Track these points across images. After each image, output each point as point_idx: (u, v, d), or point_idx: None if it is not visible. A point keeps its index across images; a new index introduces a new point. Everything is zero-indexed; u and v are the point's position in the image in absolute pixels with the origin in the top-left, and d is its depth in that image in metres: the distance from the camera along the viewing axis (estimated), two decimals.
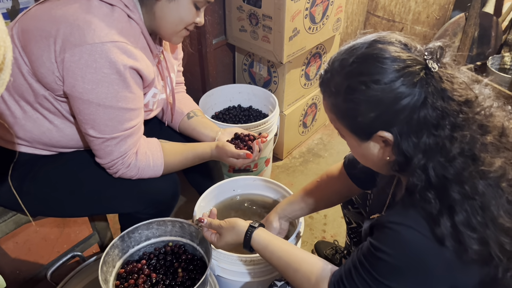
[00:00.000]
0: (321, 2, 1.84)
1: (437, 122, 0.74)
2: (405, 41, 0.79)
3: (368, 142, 0.82)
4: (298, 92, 2.09)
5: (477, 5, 2.46)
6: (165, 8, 1.07)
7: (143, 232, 1.18)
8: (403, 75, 0.74)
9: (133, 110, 1.05)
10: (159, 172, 1.17)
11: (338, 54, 0.83)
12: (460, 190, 0.74)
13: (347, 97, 0.78)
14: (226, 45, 2.04)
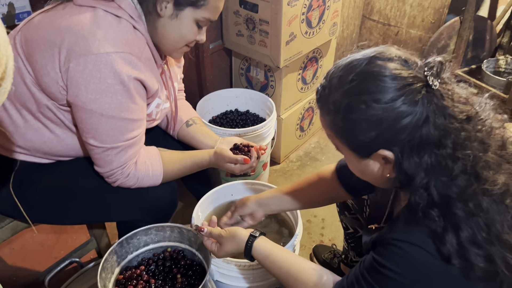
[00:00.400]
0: (318, 7, 1.85)
1: (439, 140, 0.73)
2: (405, 57, 0.78)
3: (367, 159, 0.81)
4: (295, 96, 2.09)
5: (472, 8, 2.48)
6: (167, 25, 1.07)
7: (141, 238, 1.17)
8: (404, 93, 0.73)
9: (135, 121, 1.05)
10: (158, 181, 1.16)
11: (336, 69, 0.81)
12: (464, 207, 0.73)
13: (347, 115, 0.77)
14: (223, 50, 2.05)
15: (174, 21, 1.06)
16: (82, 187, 1.16)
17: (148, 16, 1.06)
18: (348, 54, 0.82)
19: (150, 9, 1.04)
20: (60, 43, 0.96)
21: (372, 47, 0.81)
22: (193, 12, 1.05)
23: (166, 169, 1.17)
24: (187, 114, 1.41)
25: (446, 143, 0.73)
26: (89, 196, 1.16)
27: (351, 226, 1.43)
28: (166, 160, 1.18)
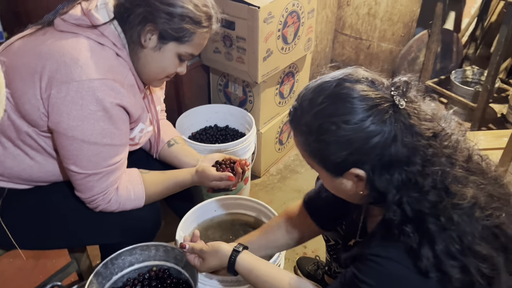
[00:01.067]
0: (293, 23, 1.90)
1: (408, 158, 0.76)
2: (372, 78, 0.80)
3: (341, 177, 0.83)
4: (273, 110, 2.13)
5: (438, 22, 2.59)
6: (149, 56, 1.07)
7: (126, 258, 1.16)
8: (372, 114, 0.75)
9: (118, 146, 1.05)
10: (141, 204, 1.16)
11: (306, 91, 0.84)
12: (436, 222, 0.75)
13: (319, 137, 0.79)
14: (200, 67, 2.07)
15: (157, 53, 1.06)
16: (64, 211, 1.15)
17: (131, 45, 1.06)
18: (318, 76, 0.85)
19: (134, 39, 1.05)
20: (41, 70, 0.95)
21: (341, 69, 0.84)
22: (176, 47, 1.06)
23: (149, 192, 1.17)
24: (169, 134, 1.42)
25: (415, 160, 0.76)
26: (72, 221, 1.15)
27: (332, 238, 1.45)
28: (148, 183, 1.17)
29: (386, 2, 2.70)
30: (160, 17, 1.01)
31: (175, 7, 1.01)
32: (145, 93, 1.20)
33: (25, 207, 1.13)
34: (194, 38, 1.06)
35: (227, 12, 1.75)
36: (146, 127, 1.24)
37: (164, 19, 1.01)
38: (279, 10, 1.78)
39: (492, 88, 2.43)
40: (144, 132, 1.23)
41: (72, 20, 1.01)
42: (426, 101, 0.83)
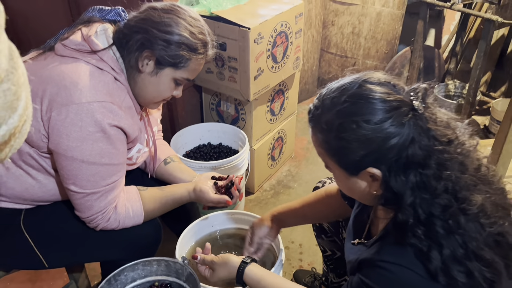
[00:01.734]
0: (281, 43, 1.97)
1: (423, 160, 0.78)
2: (393, 82, 0.83)
3: (356, 177, 0.85)
4: (264, 127, 2.18)
5: (420, 39, 2.70)
6: (146, 80, 1.11)
7: (128, 274, 1.18)
8: (392, 116, 0.78)
9: (116, 165, 1.08)
10: (140, 221, 1.19)
11: (328, 91, 0.86)
12: (444, 225, 0.78)
13: (339, 134, 0.81)
14: (193, 86, 2.12)
15: (153, 78, 1.10)
16: (66, 230, 1.17)
17: (129, 69, 1.10)
18: (339, 78, 0.88)
19: (132, 64, 1.09)
20: (42, 93, 0.98)
21: (362, 72, 0.88)
22: (172, 72, 1.10)
23: (147, 209, 1.19)
24: (165, 153, 1.45)
25: (430, 163, 0.78)
26: (73, 239, 1.17)
27: (329, 248, 1.49)
28: (146, 200, 1.20)
29: (369, 21, 2.80)
30: (158, 44, 1.06)
31: (172, 35, 1.06)
32: (142, 115, 1.23)
33: (26, 227, 1.14)
34: (190, 64, 1.10)
35: (219, 34, 1.82)
36: (143, 148, 1.27)
37: (162, 46, 1.06)
38: (269, 31, 1.85)
39: (474, 101, 2.52)
40: (141, 152, 1.26)
41: (72, 45, 1.05)
42: (442, 109, 0.86)
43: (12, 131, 0.45)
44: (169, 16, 1.08)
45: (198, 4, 1.87)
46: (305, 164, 2.51)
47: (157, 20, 1.06)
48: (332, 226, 1.37)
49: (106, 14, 1.13)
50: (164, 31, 1.06)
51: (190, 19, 1.10)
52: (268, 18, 1.82)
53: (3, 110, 0.43)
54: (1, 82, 0.42)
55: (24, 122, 0.49)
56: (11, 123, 0.45)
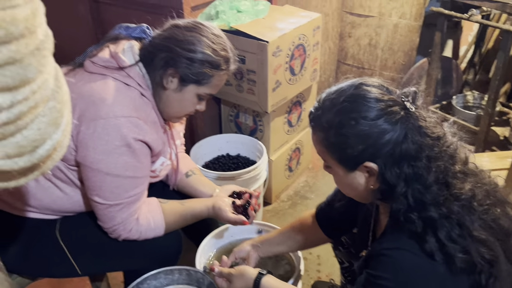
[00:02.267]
0: (299, 56, 2.00)
1: (415, 154, 0.85)
2: (386, 85, 0.93)
3: (354, 172, 0.92)
4: (282, 138, 2.20)
5: (437, 50, 2.70)
6: (170, 96, 1.14)
7: (151, 283, 1.21)
8: (386, 113, 0.86)
9: (139, 178, 1.12)
10: (161, 232, 1.21)
11: (327, 94, 0.94)
12: (437, 211, 0.84)
13: (338, 131, 0.89)
14: (212, 99, 2.16)
15: (177, 94, 1.14)
16: (97, 238, 1.20)
17: (154, 85, 1.14)
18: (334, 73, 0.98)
19: (157, 81, 1.12)
20: (73, 109, 1.02)
21: (356, 78, 0.95)
22: (196, 88, 1.14)
23: (168, 221, 1.22)
24: (187, 165, 1.48)
25: (421, 156, 0.85)
26: (98, 249, 1.20)
27: (346, 260, 1.49)
28: (167, 212, 1.22)
29: (386, 33, 2.82)
30: (181, 62, 1.09)
31: (195, 53, 1.09)
32: (165, 129, 1.27)
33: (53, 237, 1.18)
34: (213, 80, 1.14)
35: (238, 47, 1.85)
36: (166, 160, 1.30)
37: (185, 64, 1.09)
38: (287, 44, 1.88)
39: (493, 112, 2.50)
40: (164, 165, 1.30)
41: (100, 62, 1.10)
42: (430, 112, 0.94)
43: (55, 145, 0.49)
44: (192, 34, 1.11)
45: (217, 18, 1.91)
46: (322, 175, 2.51)
47: (181, 39, 1.10)
48: (349, 238, 1.38)
49: (132, 32, 1.17)
50: (188, 49, 1.09)
51: (213, 36, 1.13)
52: (286, 31, 1.86)
53: (48, 127, 0.46)
54: (48, 100, 0.46)
55: (65, 137, 0.53)
56: (55, 138, 0.48)
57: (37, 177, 0.52)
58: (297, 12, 2.07)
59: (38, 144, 0.46)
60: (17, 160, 0.45)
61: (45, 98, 0.44)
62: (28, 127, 0.44)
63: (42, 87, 0.43)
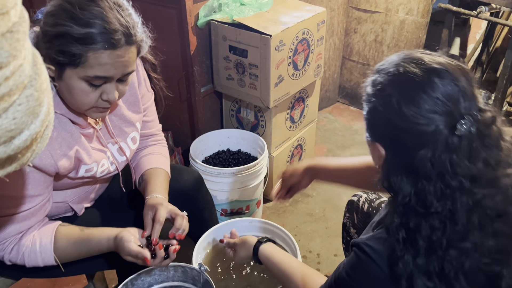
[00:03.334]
0: (303, 51, 1.96)
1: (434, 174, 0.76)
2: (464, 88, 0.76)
3: (373, 143, 0.88)
4: (284, 134, 2.17)
5: (444, 48, 2.65)
6: (59, 86, 0.97)
7: (145, 279, 1.19)
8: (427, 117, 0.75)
9: (11, 198, 0.98)
10: (50, 259, 1.04)
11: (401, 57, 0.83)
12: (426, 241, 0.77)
13: (375, 97, 0.83)
14: (213, 93, 2.13)
15: (62, 82, 0.95)
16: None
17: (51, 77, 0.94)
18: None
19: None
20: None
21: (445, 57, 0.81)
22: (74, 72, 0.92)
23: (59, 246, 1.04)
24: (144, 166, 1.29)
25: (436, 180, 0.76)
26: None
27: None
28: (59, 236, 1.06)
29: (392, 29, 2.77)
30: (48, 41, 0.90)
31: (55, 27, 0.89)
32: (94, 128, 1.11)
33: None
34: (89, 58, 0.91)
35: (240, 41, 1.83)
36: (97, 166, 1.13)
37: (52, 43, 0.90)
38: (290, 38, 1.84)
39: (499, 111, 2.46)
40: (95, 170, 1.12)
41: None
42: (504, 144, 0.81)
43: (34, 136, 0.46)
44: (55, 2, 0.91)
45: (220, 11, 1.88)
46: None
47: (48, 11, 0.91)
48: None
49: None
50: (49, 24, 0.89)
51: (82, 2, 0.90)
52: (290, 25, 1.82)
53: (25, 116, 0.43)
54: (25, 88, 0.43)
55: (45, 127, 0.50)
56: (33, 129, 0.45)
57: (16, 169, 0.49)
58: (302, 6, 2.03)
59: (14, 134, 0.43)
60: None
61: (20, 85, 0.41)
62: (1, 115, 0.41)
63: (17, 73, 0.40)
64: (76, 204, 1.20)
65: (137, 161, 1.32)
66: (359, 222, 1.34)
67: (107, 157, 1.16)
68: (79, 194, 1.20)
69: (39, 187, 1.00)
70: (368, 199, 1.34)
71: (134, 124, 1.21)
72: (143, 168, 1.28)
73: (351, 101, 3.16)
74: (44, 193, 1.03)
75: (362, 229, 1.33)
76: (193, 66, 1.90)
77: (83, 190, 1.21)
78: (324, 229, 2.08)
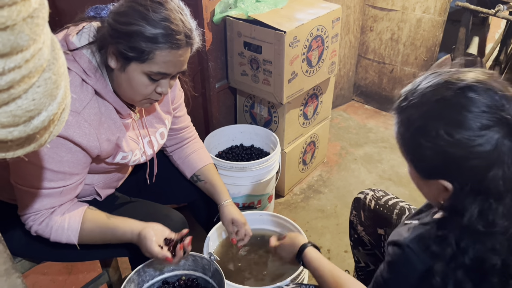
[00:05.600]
0: (317, 47, 1.97)
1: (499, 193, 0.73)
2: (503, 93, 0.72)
3: (428, 180, 0.81)
4: (297, 131, 2.18)
5: (461, 47, 2.63)
6: (118, 77, 1.05)
7: (157, 267, 1.22)
8: (483, 135, 0.70)
9: (59, 173, 1.04)
10: (74, 238, 1.10)
11: (426, 83, 0.78)
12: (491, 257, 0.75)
13: (415, 136, 0.77)
14: (228, 88, 2.15)
15: (123, 74, 1.04)
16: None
17: (106, 68, 1.06)
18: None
19: (104, 62, 1.04)
20: None
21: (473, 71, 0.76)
22: (139, 66, 1.02)
23: (85, 227, 1.10)
24: (191, 167, 1.43)
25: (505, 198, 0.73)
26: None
27: (364, 261, 1.47)
28: (87, 218, 1.12)
29: (409, 28, 2.75)
30: (118, 37, 0.99)
31: (129, 25, 0.98)
32: (132, 118, 1.18)
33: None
34: (156, 56, 1.00)
35: (255, 37, 1.85)
36: (131, 154, 1.19)
37: (121, 39, 0.99)
38: (304, 35, 1.86)
39: None
40: (129, 159, 1.20)
41: None
42: None
43: (52, 117, 0.49)
44: (130, 4, 1.00)
45: (236, 7, 1.90)
46: (337, 170, 2.49)
47: (118, 11, 1.01)
48: (374, 240, 1.35)
49: (100, 11, 1.09)
50: (122, 22, 0.98)
51: (155, 5, 0.99)
52: (305, 22, 1.83)
53: (44, 97, 0.46)
54: (43, 71, 0.46)
55: (62, 110, 0.53)
56: (51, 110, 0.48)
57: (34, 149, 0.52)
58: (317, 3, 2.04)
59: (33, 114, 0.46)
60: (12, 130, 0.45)
61: (39, 68, 0.44)
62: (22, 96, 0.44)
63: (36, 56, 0.42)
64: (101, 189, 1.25)
65: (185, 159, 1.44)
66: (366, 220, 1.34)
67: (139, 148, 1.23)
68: (105, 180, 1.25)
69: (79, 166, 1.07)
70: (375, 197, 1.34)
71: (163, 121, 1.30)
72: (196, 166, 1.43)
73: (366, 99, 3.15)
74: (81, 173, 1.10)
75: (369, 227, 1.34)
76: (208, 61, 1.93)
77: (111, 176, 1.26)
78: (335, 225, 2.09)
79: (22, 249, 1.19)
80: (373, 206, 1.32)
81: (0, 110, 0.43)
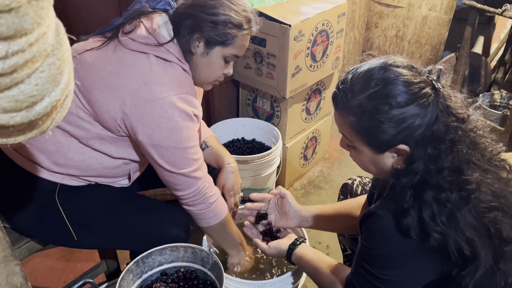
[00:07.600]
0: (322, 42, 1.96)
1: (442, 136, 0.86)
2: (414, 64, 0.91)
3: (383, 154, 0.92)
4: (299, 126, 2.17)
5: (467, 46, 2.61)
6: (198, 61, 1.18)
7: (156, 258, 1.21)
8: (419, 97, 0.85)
9: (197, 146, 1.19)
10: (217, 220, 1.27)
11: (355, 75, 0.92)
12: (434, 195, 0.85)
13: (372, 116, 0.88)
14: (231, 81, 2.14)
15: (205, 58, 1.18)
16: (100, 213, 1.21)
17: (187, 54, 1.17)
18: (358, 63, 0.95)
19: (185, 48, 1.16)
20: (123, 89, 1.07)
21: (379, 57, 0.93)
22: (222, 50, 1.17)
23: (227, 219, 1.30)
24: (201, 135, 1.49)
25: (446, 138, 0.86)
26: (104, 225, 1.22)
27: (349, 247, 1.47)
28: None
29: (414, 25, 2.74)
30: (206, 26, 1.13)
31: (218, 16, 1.13)
32: None
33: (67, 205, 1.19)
34: (237, 40, 1.16)
35: (260, 30, 1.83)
36: None
37: (209, 27, 1.13)
38: (309, 29, 1.84)
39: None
40: None
41: (140, 39, 1.12)
42: (455, 90, 0.93)
43: (54, 103, 0.48)
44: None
45: None
46: (338, 166, 2.48)
47: (203, 4, 1.14)
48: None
49: (155, 4, 1.19)
50: (211, 13, 1.13)
51: None
52: (310, 16, 1.82)
53: (47, 83, 0.45)
54: (47, 56, 0.45)
55: (65, 97, 0.52)
56: (54, 96, 0.47)
57: (36, 136, 0.51)
58: None
59: (36, 100, 0.45)
60: (14, 115, 0.45)
61: (43, 52, 0.43)
62: (25, 81, 0.43)
63: (40, 40, 0.41)
64: (133, 172, 1.29)
65: None
66: None
67: None
68: (141, 160, 1.27)
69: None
70: (362, 183, 1.40)
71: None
72: (205, 135, 1.52)
73: None
74: None
75: None
76: None
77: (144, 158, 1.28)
78: None
79: (32, 229, 1.20)
80: (360, 191, 1.37)
81: (2, 94, 0.42)
